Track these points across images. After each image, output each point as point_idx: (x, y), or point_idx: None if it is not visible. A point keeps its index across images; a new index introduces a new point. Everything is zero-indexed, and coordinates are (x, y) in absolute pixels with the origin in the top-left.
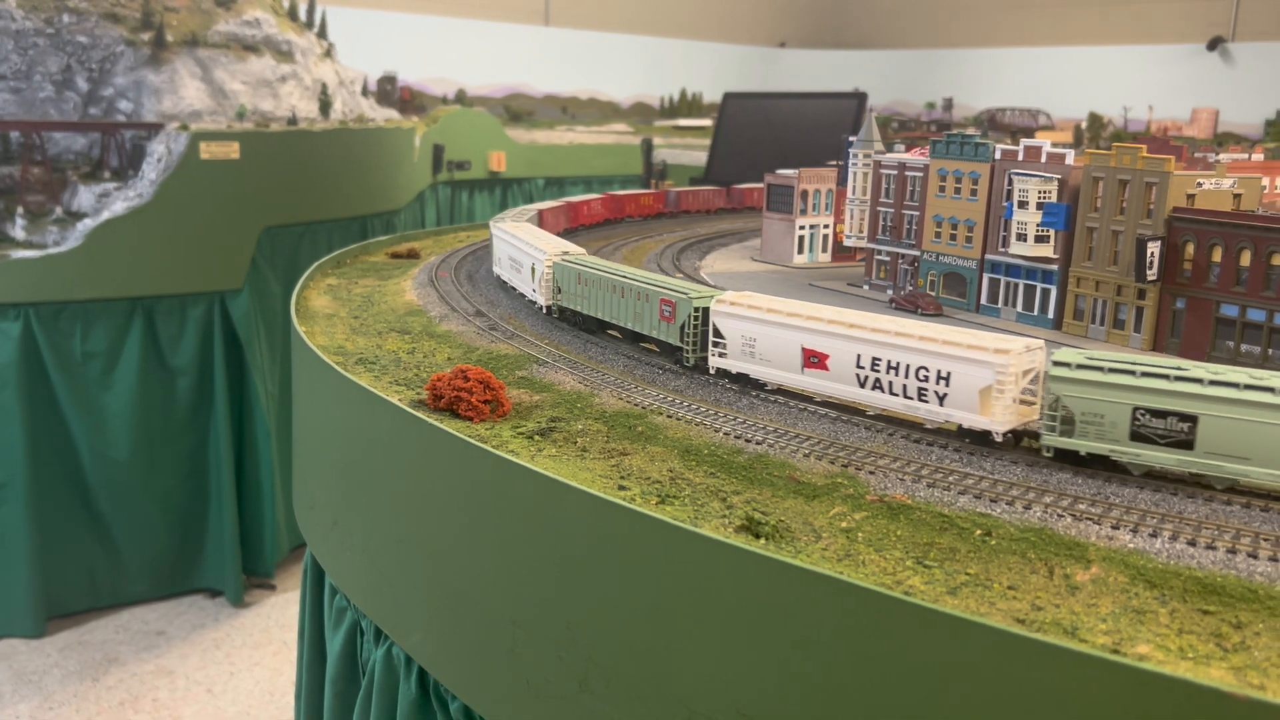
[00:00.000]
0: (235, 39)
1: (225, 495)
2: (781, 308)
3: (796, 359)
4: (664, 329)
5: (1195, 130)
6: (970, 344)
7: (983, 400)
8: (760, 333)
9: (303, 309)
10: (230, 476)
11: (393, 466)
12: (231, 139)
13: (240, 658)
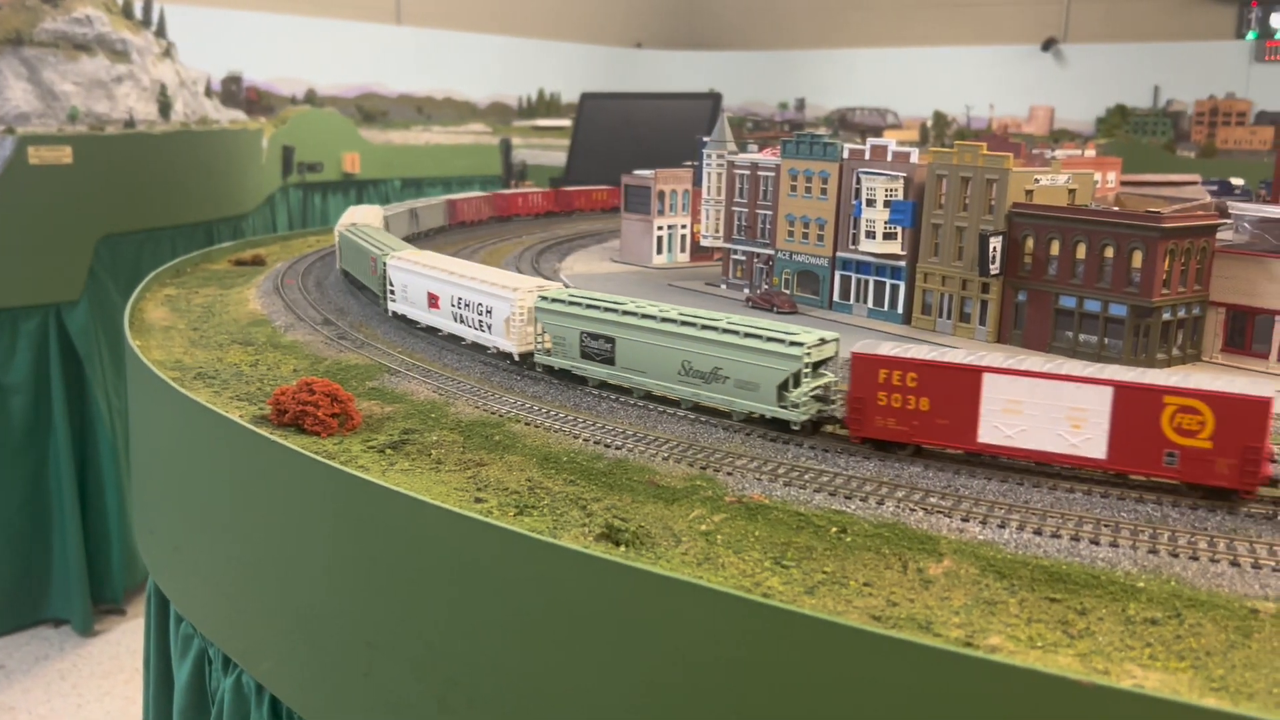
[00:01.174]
0: (65, 37)
1: (68, 520)
2: (421, 260)
3: (424, 301)
4: (373, 281)
5: (1033, 127)
6: (502, 283)
7: (506, 328)
8: (409, 281)
9: (138, 321)
10: (73, 500)
11: (236, 487)
12: (63, 143)
13: (88, 689)
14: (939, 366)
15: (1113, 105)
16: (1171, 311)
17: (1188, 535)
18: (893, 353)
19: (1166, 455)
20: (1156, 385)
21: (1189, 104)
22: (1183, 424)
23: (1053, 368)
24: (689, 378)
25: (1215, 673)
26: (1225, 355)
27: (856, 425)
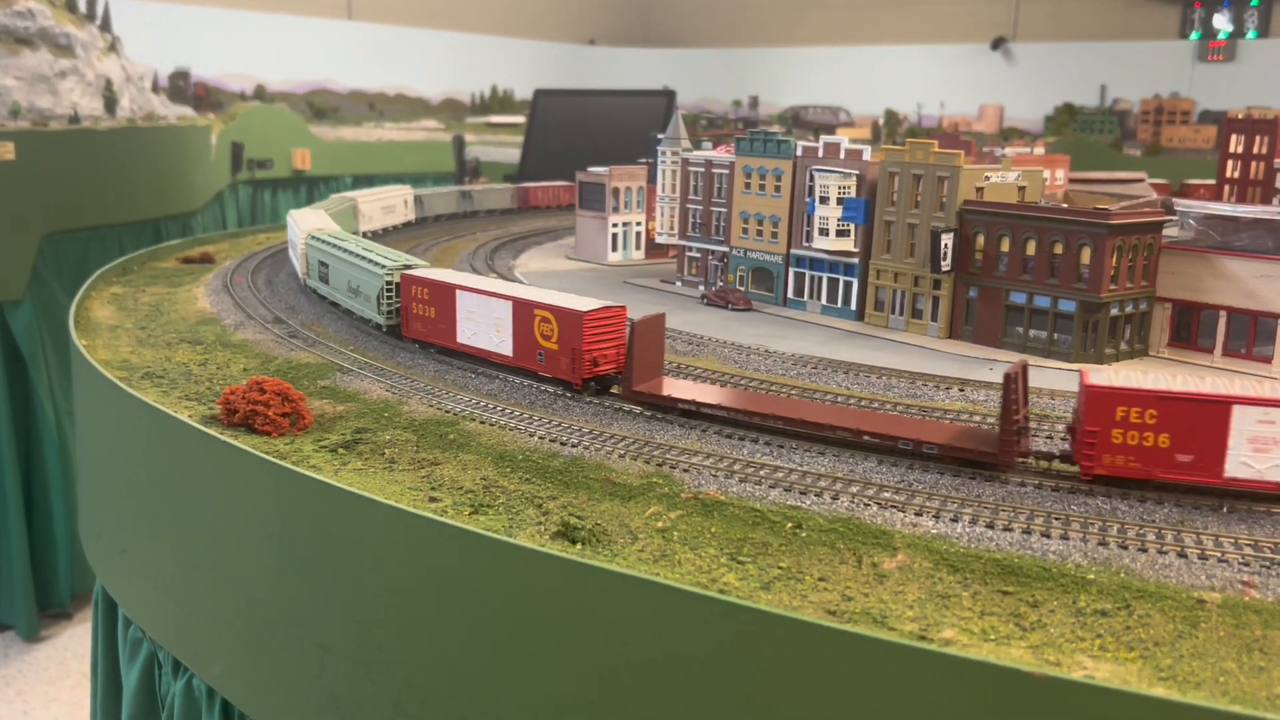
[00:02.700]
0: (6, 31)
1: (13, 523)
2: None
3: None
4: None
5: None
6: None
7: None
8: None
9: (84, 321)
10: (17, 502)
11: (185, 488)
12: (5, 139)
13: (34, 695)
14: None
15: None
16: (1119, 307)
17: (1136, 528)
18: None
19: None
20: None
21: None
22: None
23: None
24: (350, 292)
25: (1163, 662)
26: (1172, 350)
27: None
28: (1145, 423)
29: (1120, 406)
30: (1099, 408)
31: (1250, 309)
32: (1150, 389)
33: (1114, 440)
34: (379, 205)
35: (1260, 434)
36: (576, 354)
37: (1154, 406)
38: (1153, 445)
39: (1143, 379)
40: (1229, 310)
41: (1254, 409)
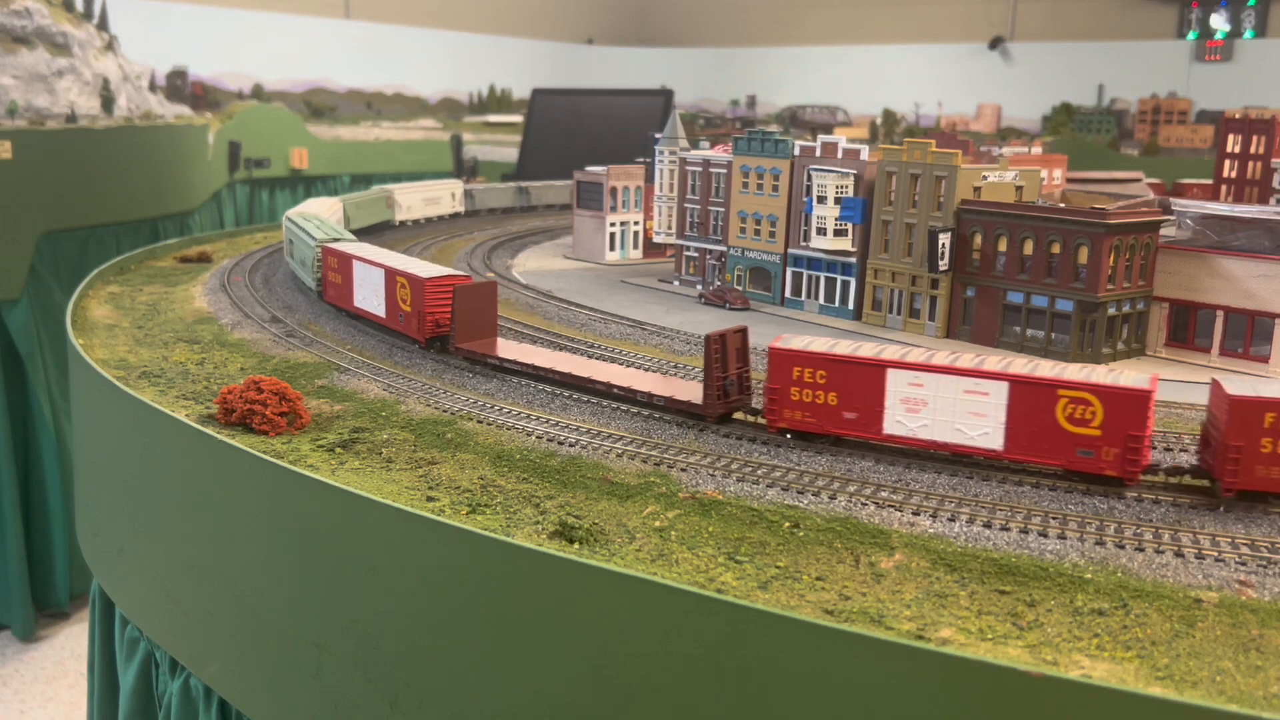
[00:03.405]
0: (3, 30)
1: (10, 522)
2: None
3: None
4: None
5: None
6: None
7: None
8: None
9: (81, 320)
10: (14, 502)
11: (182, 487)
12: (2, 138)
13: (31, 694)
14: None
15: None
16: (1116, 306)
17: (1134, 527)
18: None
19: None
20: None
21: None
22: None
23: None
24: (300, 263)
25: (1160, 662)
26: (1169, 349)
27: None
28: (817, 382)
29: (796, 367)
30: (779, 368)
31: (1247, 308)
32: (820, 352)
33: (792, 397)
34: (420, 197)
35: (911, 395)
36: (421, 315)
37: (824, 368)
38: (824, 403)
39: (815, 342)
40: (1226, 310)
41: (905, 373)
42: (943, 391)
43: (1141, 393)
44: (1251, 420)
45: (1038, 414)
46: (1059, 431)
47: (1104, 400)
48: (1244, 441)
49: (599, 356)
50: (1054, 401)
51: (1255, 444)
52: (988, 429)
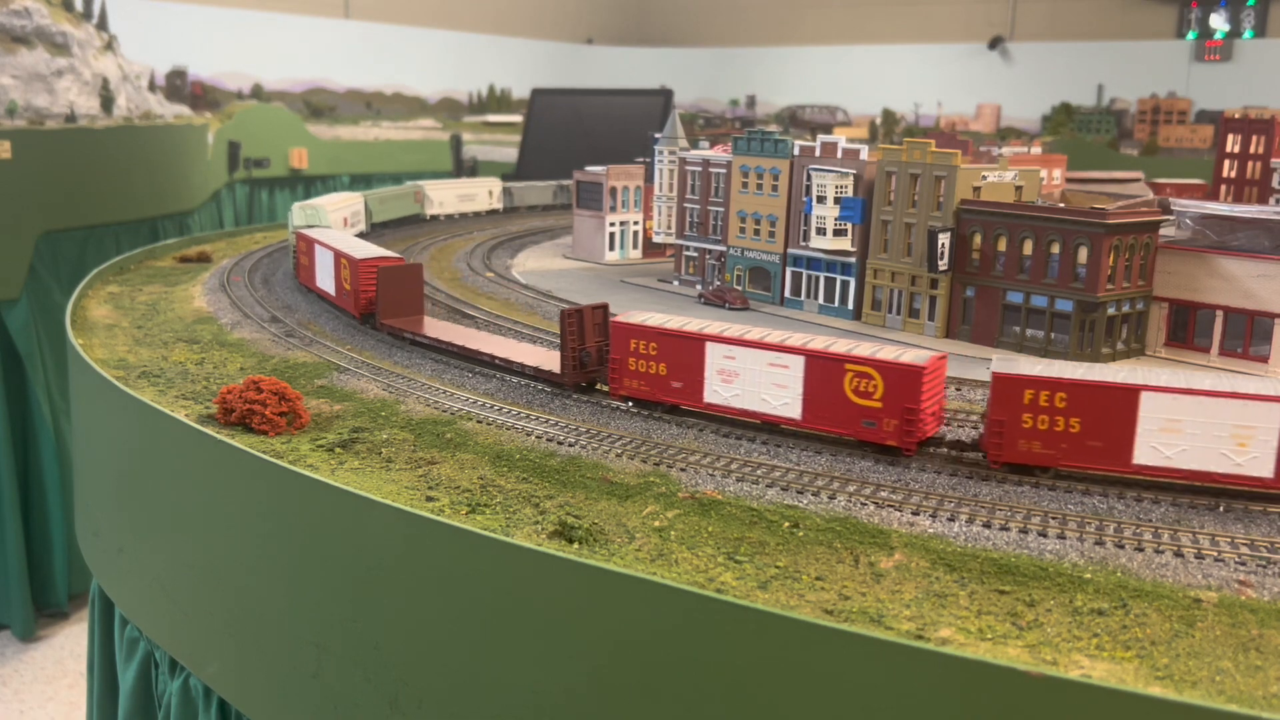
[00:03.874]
0: (2, 30)
1: (9, 522)
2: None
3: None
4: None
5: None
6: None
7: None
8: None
9: (81, 320)
10: (14, 502)
11: (182, 487)
12: (2, 138)
13: (31, 694)
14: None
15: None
16: (1116, 306)
17: (1133, 527)
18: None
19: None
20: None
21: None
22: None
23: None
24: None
25: (1160, 662)
26: (1168, 349)
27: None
28: (650, 354)
29: (633, 339)
30: (620, 341)
31: (1247, 308)
32: (652, 326)
33: (630, 367)
34: (454, 193)
35: (725, 367)
36: (356, 293)
37: (655, 340)
38: (656, 373)
39: (653, 318)
40: (1225, 310)
41: (720, 346)
42: (751, 364)
43: (916, 368)
44: (1013, 396)
45: (829, 386)
46: (847, 403)
47: (883, 375)
48: (1006, 416)
49: (526, 338)
50: (842, 375)
51: (1017, 419)
52: (788, 399)
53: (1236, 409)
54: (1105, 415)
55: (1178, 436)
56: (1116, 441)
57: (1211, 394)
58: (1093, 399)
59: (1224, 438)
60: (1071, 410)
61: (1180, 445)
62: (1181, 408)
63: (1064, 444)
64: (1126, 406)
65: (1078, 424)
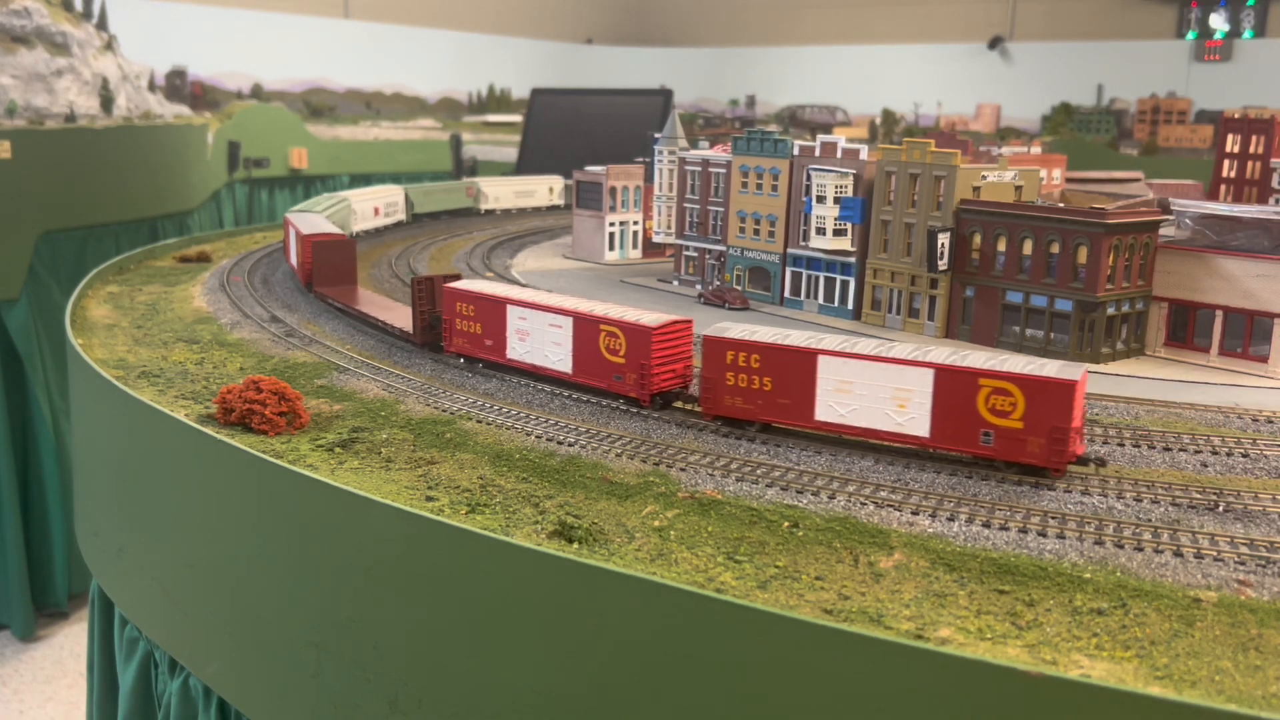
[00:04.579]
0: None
1: (9, 522)
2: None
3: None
4: None
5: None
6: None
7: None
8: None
9: (80, 320)
10: (14, 502)
11: (181, 487)
12: (1, 137)
13: (30, 694)
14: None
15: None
16: (1116, 306)
17: (1132, 527)
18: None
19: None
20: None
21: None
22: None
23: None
24: None
25: (1159, 661)
26: (1168, 349)
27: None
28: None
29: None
30: (449, 306)
31: (1246, 308)
32: (471, 291)
33: (457, 328)
34: (511, 189)
35: (520, 327)
36: (305, 265)
37: (472, 303)
38: (474, 332)
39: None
40: (1225, 309)
41: (516, 308)
42: (538, 325)
43: (645, 329)
44: (719, 357)
45: (590, 346)
46: (603, 360)
47: (625, 334)
48: (714, 375)
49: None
50: (597, 334)
51: (722, 377)
52: (562, 356)
53: (895, 373)
54: (791, 376)
55: (849, 397)
56: (801, 400)
57: (874, 358)
58: (781, 361)
59: (886, 399)
60: (764, 371)
61: (852, 405)
62: (851, 370)
63: (760, 400)
64: (807, 368)
65: (770, 383)
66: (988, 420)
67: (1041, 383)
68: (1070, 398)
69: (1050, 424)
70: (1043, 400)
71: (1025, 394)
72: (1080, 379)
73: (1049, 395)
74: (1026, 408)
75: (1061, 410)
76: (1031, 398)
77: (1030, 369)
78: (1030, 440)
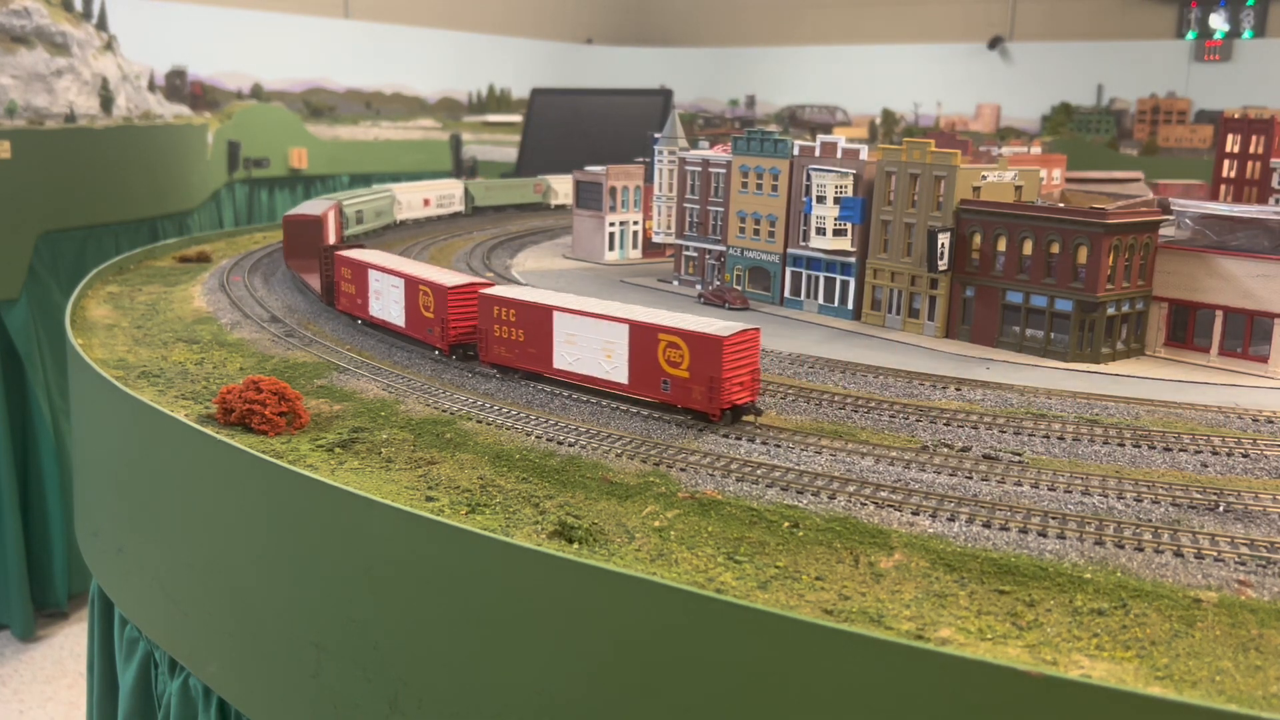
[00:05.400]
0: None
1: (8, 522)
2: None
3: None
4: None
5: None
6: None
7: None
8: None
9: (80, 320)
10: (13, 501)
11: (181, 487)
12: (1, 137)
13: (30, 694)
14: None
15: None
16: (1116, 306)
17: (1133, 527)
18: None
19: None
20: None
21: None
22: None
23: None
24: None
25: (1160, 661)
26: (1168, 349)
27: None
28: (348, 279)
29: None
30: (339, 270)
31: (1246, 308)
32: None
33: (342, 289)
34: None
35: (378, 289)
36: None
37: (350, 268)
38: (352, 294)
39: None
40: (1225, 310)
41: (377, 272)
42: (388, 287)
43: (444, 287)
44: (489, 312)
45: (416, 304)
46: (422, 316)
47: (434, 293)
48: (486, 327)
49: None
50: (418, 294)
51: (491, 330)
52: (400, 313)
53: (604, 328)
54: (536, 329)
55: (575, 348)
56: (544, 350)
57: (589, 314)
58: (529, 316)
59: (599, 350)
60: (519, 324)
61: (577, 355)
62: (576, 325)
63: (517, 350)
64: (546, 323)
65: (523, 335)
66: (665, 370)
67: (699, 337)
68: (719, 351)
69: (708, 374)
70: (701, 353)
71: (689, 347)
72: (733, 336)
73: (705, 349)
74: (690, 359)
75: (715, 362)
76: (693, 350)
77: (695, 326)
78: (694, 388)
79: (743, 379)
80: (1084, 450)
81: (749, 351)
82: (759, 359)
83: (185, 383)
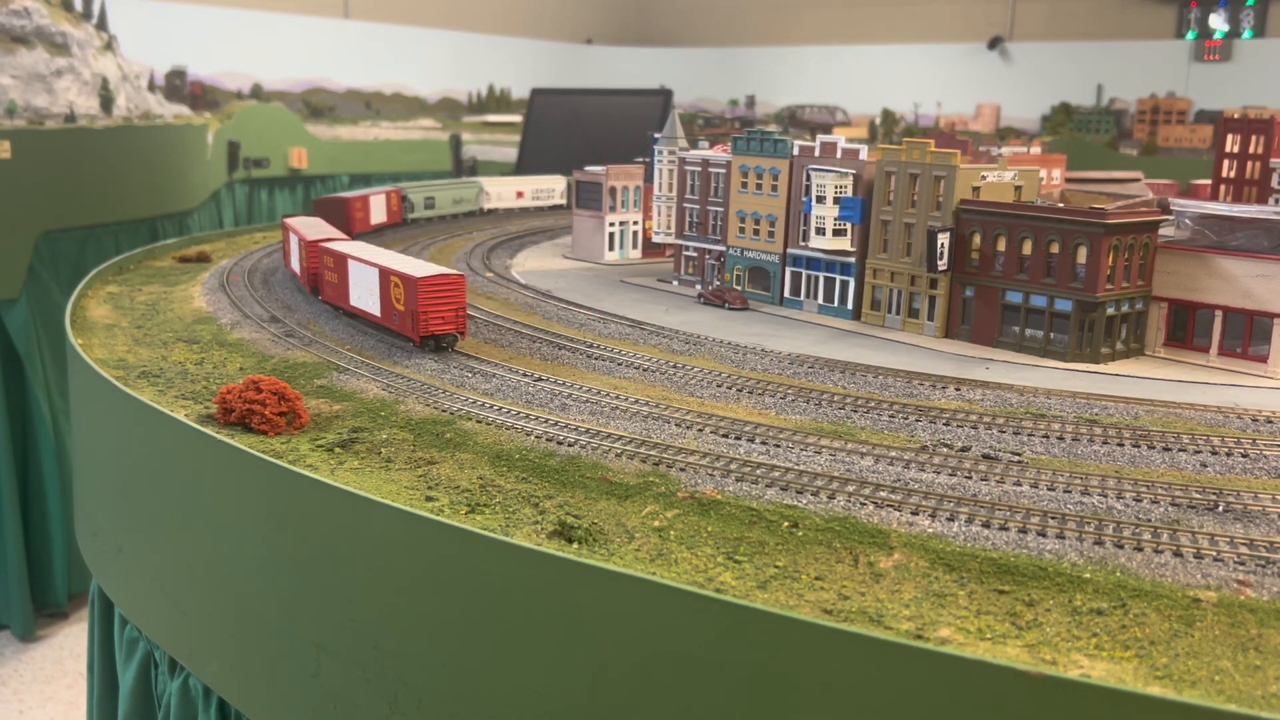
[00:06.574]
0: (2, 30)
1: (8, 522)
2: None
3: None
4: None
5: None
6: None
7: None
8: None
9: (80, 320)
10: (13, 501)
11: (181, 487)
12: (1, 138)
13: (30, 694)
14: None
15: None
16: (1115, 306)
17: (1132, 526)
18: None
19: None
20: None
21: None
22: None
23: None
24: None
25: (1159, 661)
26: (1167, 349)
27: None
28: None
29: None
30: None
31: (1246, 308)
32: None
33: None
34: None
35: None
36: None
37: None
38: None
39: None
40: (1225, 310)
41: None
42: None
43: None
44: (317, 258)
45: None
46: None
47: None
48: (316, 270)
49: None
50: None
51: (321, 274)
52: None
53: (369, 271)
54: (342, 273)
55: (359, 288)
56: (346, 290)
57: (362, 260)
58: (339, 263)
59: (369, 290)
60: (334, 269)
61: (361, 294)
62: (358, 270)
63: (335, 291)
64: (344, 267)
65: (336, 278)
66: (395, 306)
67: (407, 278)
68: (417, 289)
69: (412, 309)
70: (409, 291)
71: (404, 285)
72: (431, 277)
73: (410, 288)
74: (405, 295)
75: (416, 298)
76: (406, 288)
77: (409, 269)
78: (406, 319)
79: (444, 314)
80: (1083, 450)
81: (452, 292)
82: (464, 299)
83: (185, 383)
